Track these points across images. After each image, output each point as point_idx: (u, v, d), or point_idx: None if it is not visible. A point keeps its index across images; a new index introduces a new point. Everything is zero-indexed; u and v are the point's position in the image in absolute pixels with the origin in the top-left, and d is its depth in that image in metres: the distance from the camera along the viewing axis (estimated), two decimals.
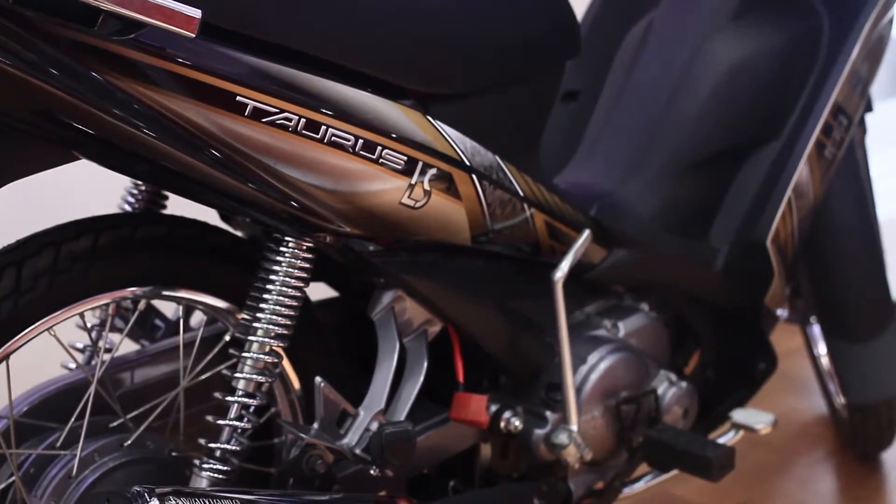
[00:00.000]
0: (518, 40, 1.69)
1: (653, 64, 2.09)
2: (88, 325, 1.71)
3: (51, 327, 1.47)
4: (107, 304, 1.53)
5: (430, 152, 1.56)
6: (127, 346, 1.72)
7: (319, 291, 1.80)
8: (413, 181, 1.55)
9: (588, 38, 2.20)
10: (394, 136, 1.52)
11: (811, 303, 2.55)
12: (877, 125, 2.48)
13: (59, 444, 1.54)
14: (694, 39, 2.06)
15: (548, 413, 1.84)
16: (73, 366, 1.69)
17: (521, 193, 1.71)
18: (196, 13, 1.28)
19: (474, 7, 1.63)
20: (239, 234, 1.69)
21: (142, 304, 1.67)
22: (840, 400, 2.66)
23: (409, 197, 1.55)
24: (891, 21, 2.16)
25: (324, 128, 1.45)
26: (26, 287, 1.43)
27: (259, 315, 1.54)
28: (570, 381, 1.81)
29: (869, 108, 2.32)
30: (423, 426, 1.78)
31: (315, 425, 1.60)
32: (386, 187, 1.53)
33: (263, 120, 1.40)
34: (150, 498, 1.40)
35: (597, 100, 2.15)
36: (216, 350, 1.62)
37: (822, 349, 2.68)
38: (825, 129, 2.06)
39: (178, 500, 1.41)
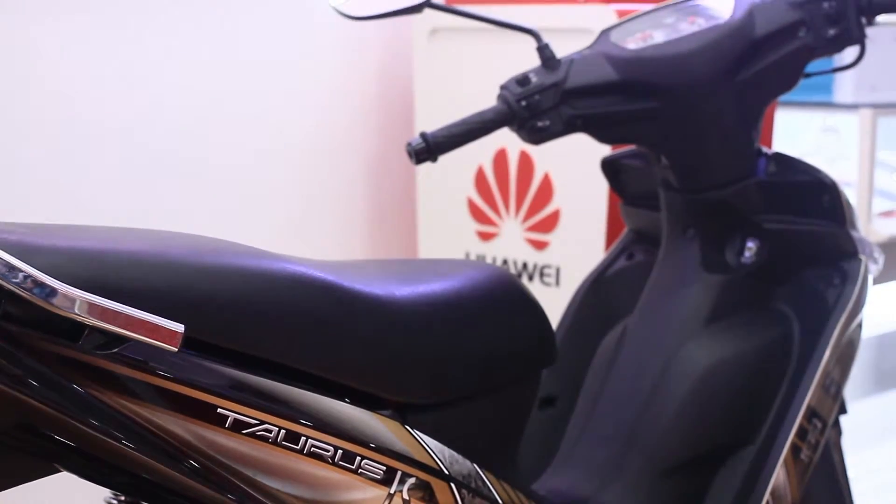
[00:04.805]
0: (494, 353, 1.72)
1: (628, 370, 2.12)
2: None
3: None
4: None
5: (408, 462, 1.57)
6: None
7: None
8: (392, 490, 1.55)
9: (563, 344, 2.23)
10: (372, 445, 1.53)
11: None
12: (853, 425, 2.49)
13: None
14: (668, 345, 2.10)
15: None
16: None
17: (500, 501, 1.71)
18: (179, 328, 1.31)
19: (449, 321, 1.66)
20: None
21: None
22: None
23: None
24: (860, 325, 2.20)
25: (303, 439, 1.46)
26: None
27: None
28: None
29: (843, 410, 2.34)
30: None
31: None
32: (365, 497, 1.53)
33: (244, 431, 1.41)
34: None
35: (573, 405, 2.18)
36: None
37: None
38: (800, 432, 2.08)
39: None
